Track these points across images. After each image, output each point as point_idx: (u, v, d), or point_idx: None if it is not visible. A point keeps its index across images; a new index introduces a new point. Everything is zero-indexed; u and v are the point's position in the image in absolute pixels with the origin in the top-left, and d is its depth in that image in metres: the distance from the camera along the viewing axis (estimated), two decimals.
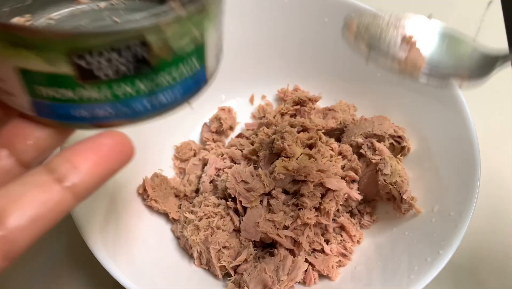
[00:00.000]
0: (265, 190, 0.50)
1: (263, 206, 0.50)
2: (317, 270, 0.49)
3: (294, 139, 0.53)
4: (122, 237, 0.48)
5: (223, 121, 0.62)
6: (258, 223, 0.49)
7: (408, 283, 0.42)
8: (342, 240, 0.51)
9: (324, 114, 0.60)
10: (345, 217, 0.52)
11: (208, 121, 0.64)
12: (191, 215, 0.51)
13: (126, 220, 0.50)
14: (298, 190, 0.50)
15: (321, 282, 0.49)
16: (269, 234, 0.49)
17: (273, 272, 0.46)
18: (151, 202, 0.53)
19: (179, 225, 0.53)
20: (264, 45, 0.63)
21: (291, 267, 0.46)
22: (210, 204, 0.51)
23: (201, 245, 0.50)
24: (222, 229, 0.50)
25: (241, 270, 0.49)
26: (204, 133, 0.63)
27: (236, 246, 0.50)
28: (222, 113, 0.63)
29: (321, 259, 0.49)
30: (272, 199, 0.50)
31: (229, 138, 0.63)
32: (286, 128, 0.53)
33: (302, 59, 0.63)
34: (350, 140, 0.56)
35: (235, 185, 0.50)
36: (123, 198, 0.52)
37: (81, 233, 0.44)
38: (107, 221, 0.48)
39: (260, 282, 0.46)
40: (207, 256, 0.49)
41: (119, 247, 0.46)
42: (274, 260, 0.47)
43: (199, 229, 0.50)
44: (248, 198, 0.50)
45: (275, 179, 0.50)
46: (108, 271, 0.42)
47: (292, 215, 0.50)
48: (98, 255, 0.43)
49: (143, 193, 0.54)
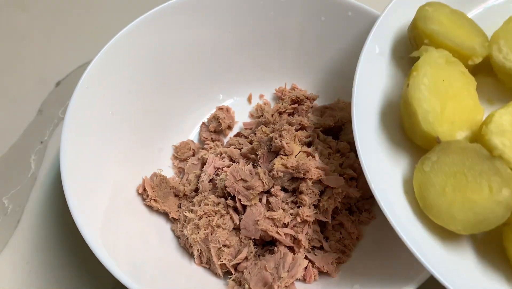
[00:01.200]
0: (264, 188, 0.50)
1: (262, 204, 0.51)
2: (316, 267, 0.49)
3: (292, 138, 0.53)
4: (122, 236, 0.48)
5: (222, 121, 0.62)
6: (258, 221, 0.49)
7: (407, 279, 0.43)
8: (341, 237, 0.51)
9: (322, 113, 0.60)
10: (344, 214, 0.52)
11: (206, 121, 0.64)
12: (191, 214, 0.52)
13: (126, 219, 0.50)
14: (297, 188, 0.50)
15: (321, 279, 0.49)
16: (269, 232, 0.49)
17: (274, 270, 0.46)
18: (151, 202, 0.53)
19: (179, 224, 0.53)
20: (261, 45, 0.63)
21: (291, 264, 0.47)
22: (209, 203, 0.52)
23: (201, 243, 0.50)
24: (222, 227, 0.50)
25: (241, 268, 0.49)
26: (203, 133, 0.63)
27: (236, 244, 0.50)
28: (220, 113, 0.63)
29: (320, 256, 0.49)
30: (271, 196, 0.51)
31: (227, 138, 0.64)
32: (284, 126, 0.54)
33: (299, 58, 0.64)
34: (348, 138, 0.56)
35: (234, 184, 0.50)
36: (123, 197, 0.52)
37: (81, 233, 0.44)
38: (107, 221, 0.48)
39: (260, 279, 0.46)
40: (208, 254, 0.50)
41: (119, 247, 0.46)
42: (274, 257, 0.48)
43: (199, 228, 0.50)
44: (247, 196, 0.50)
45: (274, 176, 0.50)
46: (109, 270, 0.42)
47: (291, 212, 0.50)
48: (98, 254, 0.43)
49: (143, 193, 0.54)
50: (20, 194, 0.61)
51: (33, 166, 0.64)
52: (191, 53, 0.61)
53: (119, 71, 0.55)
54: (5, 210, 0.60)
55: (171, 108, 0.62)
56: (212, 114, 0.64)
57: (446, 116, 0.39)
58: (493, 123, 0.36)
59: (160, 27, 0.57)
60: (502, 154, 0.35)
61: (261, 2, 0.60)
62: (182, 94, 0.62)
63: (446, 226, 0.37)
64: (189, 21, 0.58)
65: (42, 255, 0.56)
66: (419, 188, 0.38)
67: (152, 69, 0.58)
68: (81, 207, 0.45)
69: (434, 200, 0.37)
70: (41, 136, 0.67)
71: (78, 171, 0.48)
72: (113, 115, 0.54)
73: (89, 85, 0.52)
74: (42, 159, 0.64)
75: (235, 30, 0.60)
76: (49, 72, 0.73)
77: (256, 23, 0.61)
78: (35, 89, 0.71)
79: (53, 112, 0.69)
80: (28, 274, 0.55)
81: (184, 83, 0.62)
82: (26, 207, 0.60)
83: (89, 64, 0.52)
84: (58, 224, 0.58)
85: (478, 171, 0.36)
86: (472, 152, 0.36)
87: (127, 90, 0.56)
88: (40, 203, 0.60)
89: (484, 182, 0.36)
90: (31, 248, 0.57)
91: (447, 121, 0.39)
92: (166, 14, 0.57)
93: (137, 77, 0.57)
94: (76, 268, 0.55)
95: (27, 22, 0.80)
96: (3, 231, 0.58)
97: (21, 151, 0.65)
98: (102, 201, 0.49)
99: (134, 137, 0.56)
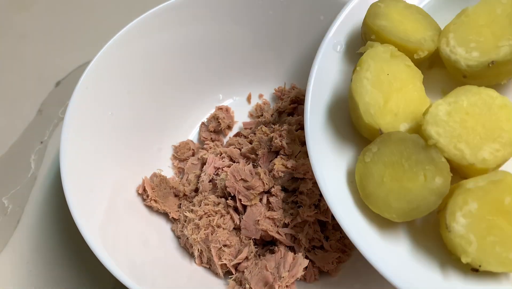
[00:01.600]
0: (264, 188, 0.50)
1: (262, 204, 0.51)
2: (317, 267, 0.49)
3: (293, 137, 0.53)
4: (122, 236, 0.48)
5: (221, 121, 0.62)
6: (258, 221, 0.49)
7: None
8: (342, 236, 0.51)
9: None
10: None
11: (206, 121, 0.64)
12: (191, 214, 0.52)
13: (126, 220, 0.50)
14: (297, 188, 0.50)
15: (321, 279, 0.49)
16: (269, 232, 0.49)
17: (274, 269, 0.46)
18: (151, 202, 0.53)
19: (179, 224, 0.53)
20: (260, 44, 0.63)
21: (292, 263, 0.47)
22: (210, 203, 0.52)
23: (201, 243, 0.50)
24: (222, 227, 0.50)
25: (242, 267, 0.49)
26: (202, 133, 0.63)
27: (237, 244, 0.50)
28: (220, 113, 0.63)
29: (321, 256, 0.49)
30: (272, 196, 0.51)
31: (227, 138, 0.64)
32: (284, 126, 0.54)
33: (299, 57, 0.64)
34: None
35: (234, 184, 0.50)
36: (123, 198, 0.52)
37: (81, 233, 0.44)
38: (107, 221, 0.48)
39: (261, 279, 0.46)
40: (208, 254, 0.50)
41: (119, 247, 0.46)
42: (274, 257, 0.48)
43: (200, 228, 0.50)
44: (248, 196, 0.50)
45: (274, 176, 0.50)
46: (109, 270, 0.42)
47: (291, 212, 0.50)
48: (98, 254, 0.43)
49: (143, 193, 0.54)
50: (20, 194, 0.61)
51: (33, 166, 0.64)
52: (190, 53, 0.61)
53: (118, 71, 0.55)
54: (5, 210, 0.60)
55: (171, 108, 0.62)
56: (212, 114, 0.64)
57: (389, 108, 0.40)
58: (429, 114, 0.37)
59: (160, 27, 0.57)
60: (437, 142, 0.37)
61: (260, 2, 0.60)
62: (181, 94, 0.62)
63: (382, 214, 0.38)
64: (188, 21, 0.58)
65: (42, 255, 0.56)
66: (359, 178, 0.40)
67: (152, 69, 0.58)
68: (81, 207, 0.45)
69: (373, 190, 0.39)
70: (41, 136, 0.67)
71: (78, 171, 0.48)
72: (112, 115, 0.54)
73: (88, 85, 0.52)
74: (42, 159, 0.64)
75: (234, 30, 0.60)
76: (49, 72, 0.73)
77: (255, 23, 0.61)
78: (35, 89, 0.71)
79: (53, 112, 0.69)
80: (28, 274, 0.55)
81: (184, 83, 0.62)
82: (26, 207, 0.60)
83: (89, 64, 0.52)
84: (58, 224, 0.58)
85: (415, 160, 0.37)
86: (410, 142, 0.38)
87: (127, 90, 0.56)
88: (40, 203, 0.60)
89: (419, 171, 0.37)
90: (31, 248, 0.57)
91: (390, 113, 0.40)
92: (165, 14, 0.57)
93: (137, 77, 0.57)
94: (76, 268, 0.55)
95: (27, 22, 0.80)
96: (3, 231, 0.58)
97: (21, 151, 0.65)
98: (102, 201, 0.49)
99: (133, 137, 0.56)
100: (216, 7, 0.59)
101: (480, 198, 0.35)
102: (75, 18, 0.80)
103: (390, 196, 0.38)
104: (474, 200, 0.35)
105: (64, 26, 0.79)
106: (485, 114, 0.37)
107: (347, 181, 0.42)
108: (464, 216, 0.35)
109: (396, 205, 0.37)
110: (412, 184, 0.37)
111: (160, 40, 0.58)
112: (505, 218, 0.35)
